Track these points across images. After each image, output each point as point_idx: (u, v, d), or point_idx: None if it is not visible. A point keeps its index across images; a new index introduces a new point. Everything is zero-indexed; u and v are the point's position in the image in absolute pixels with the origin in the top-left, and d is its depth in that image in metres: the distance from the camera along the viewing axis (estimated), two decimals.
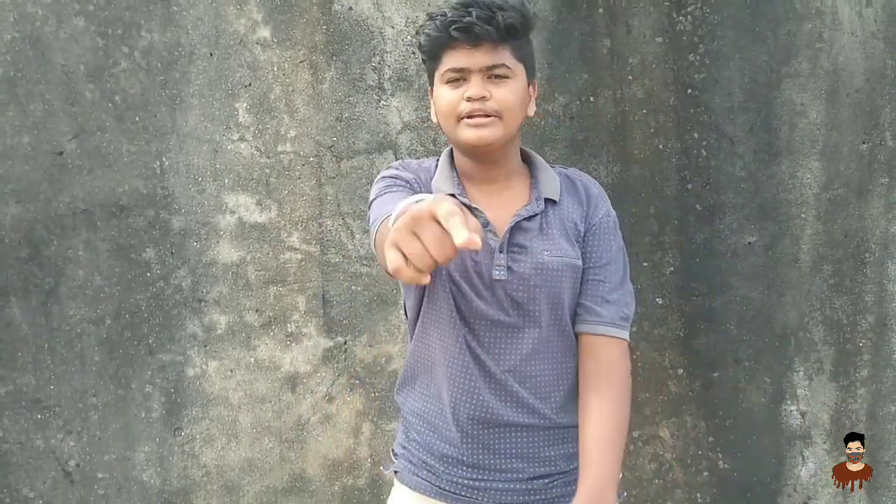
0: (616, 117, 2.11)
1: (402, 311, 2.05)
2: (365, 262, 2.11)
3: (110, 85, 2.01)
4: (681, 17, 2.08)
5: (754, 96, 2.11)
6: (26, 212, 2.01)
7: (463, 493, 1.41)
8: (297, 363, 2.13)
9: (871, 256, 2.17)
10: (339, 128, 2.08)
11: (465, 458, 1.41)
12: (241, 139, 2.06)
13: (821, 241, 2.16)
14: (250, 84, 2.05)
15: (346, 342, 2.13)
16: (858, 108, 2.12)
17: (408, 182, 1.41)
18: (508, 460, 1.40)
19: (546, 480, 1.41)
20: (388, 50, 2.06)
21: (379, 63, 2.06)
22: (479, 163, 1.41)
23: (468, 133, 1.33)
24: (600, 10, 2.08)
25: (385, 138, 2.08)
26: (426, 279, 0.89)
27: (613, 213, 1.48)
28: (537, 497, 1.41)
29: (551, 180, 1.44)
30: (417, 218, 0.88)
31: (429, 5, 2.04)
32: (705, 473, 2.21)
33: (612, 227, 1.46)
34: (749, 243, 2.15)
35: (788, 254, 2.16)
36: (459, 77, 1.33)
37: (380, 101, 2.07)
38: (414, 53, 2.06)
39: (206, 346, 2.10)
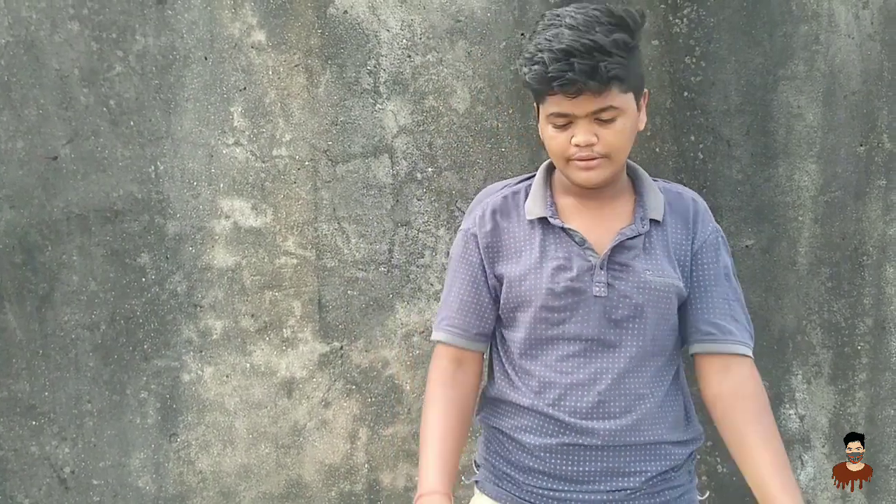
0: None
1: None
2: (361, 267, 2.10)
3: (105, 89, 2.00)
4: (677, 20, 2.08)
5: (751, 99, 2.10)
6: (20, 217, 2.00)
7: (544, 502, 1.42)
8: (293, 368, 2.12)
9: (869, 259, 2.17)
10: (334, 132, 2.07)
11: (547, 470, 1.41)
12: (237, 143, 2.05)
13: (818, 244, 2.15)
14: (245, 88, 2.04)
15: (342, 347, 2.12)
16: (855, 110, 2.12)
17: (477, 256, 1.45)
18: (591, 474, 1.40)
19: (628, 492, 1.41)
20: (384, 53, 2.05)
21: (374, 67, 2.06)
22: (583, 190, 1.42)
23: (578, 175, 1.34)
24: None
25: (381, 142, 2.08)
26: None
27: (719, 228, 1.50)
28: None
29: (656, 199, 1.43)
30: None
31: (424, 8, 2.03)
32: (704, 477, 2.20)
33: (721, 243, 1.48)
34: (746, 246, 2.15)
35: (786, 257, 2.15)
36: (566, 122, 1.31)
37: (375, 104, 2.07)
38: (409, 57, 2.06)
39: (201, 351, 2.09)
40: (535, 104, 1.42)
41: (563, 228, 1.38)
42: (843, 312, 2.18)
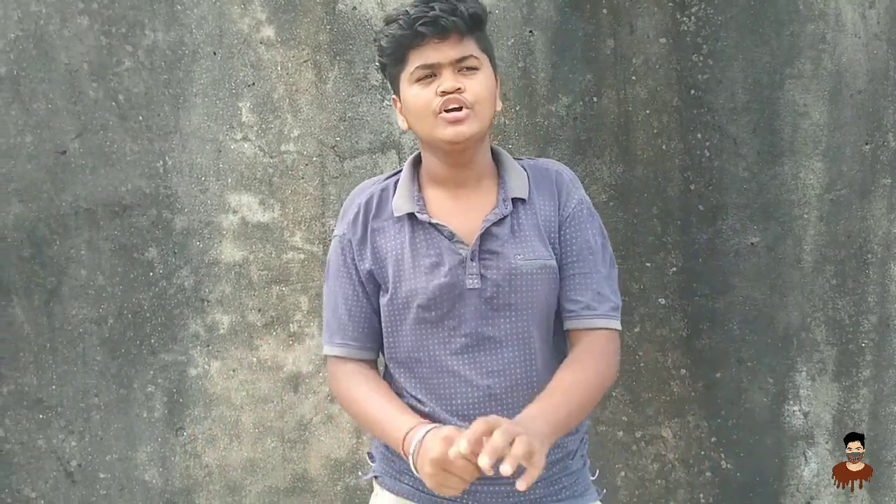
0: (619, 118, 2.11)
1: None
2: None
3: (114, 84, 2.01)
4: (684, 18, 2.09)
5: (757, 97, 2.11)
6: (29, 211, 2.01)
7: (447, 498, 1.39)
8: (299, 363, 2.13)
9: (874, 257, 2.18)
10: (342, 127, 2.08)
11: None
12: (245, 139, 2.05)
13: (823, 242, 2.16)
14: (254, 83, 2.04)
15: None
16: (861, 109, 2.13)
17: (352, 262, 1.42)
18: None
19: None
20: None
21: None
22: (451, 165, 1.39)
23: (447, 130, 1.31)
24: (604, 11, 2.08)
25: (388, 138, 2.08)
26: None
27: (588, 199, 1.46)
28: (522, 498, 1.40)
29: (518, 178, 1.41)
30: (444, 461, 1.13)
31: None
32: (708, 474, 2.21)
33: (586, 215, 1.43)
34: (752, 244, 2.15)
35: (791, 254, 2.16)
36: (430, 73, 1.32)
37: (383, 100, 2.07)
38: None
39: (208, 345, 2.10)
40: (392, 86, 1.40)
41: (431, 224, 1.37)
42: (848, 310, 2.19)
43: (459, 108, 1.30)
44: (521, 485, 1.06)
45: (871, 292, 2.19)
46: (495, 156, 1.46)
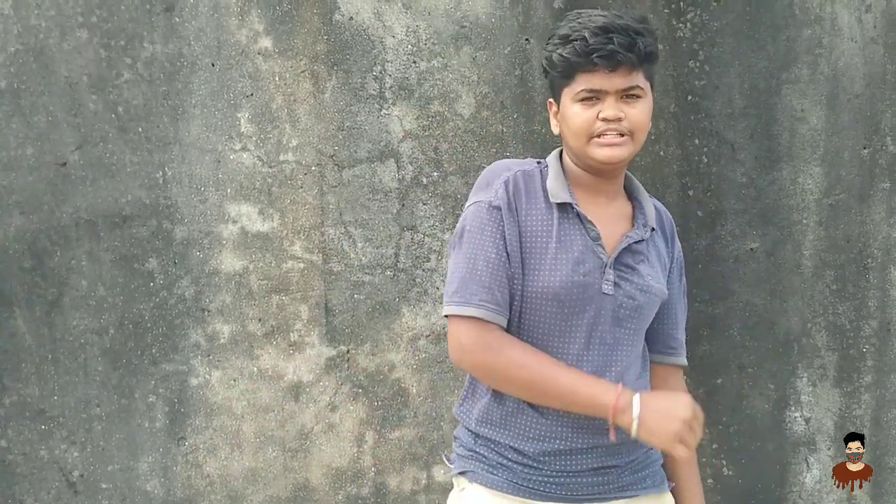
0: None
1: None
2: (367, 271, 2.12)
3: (113, 96, 2.02)
4: (680, 24, 2.09)
5: (755, 102, 2.11)
6: (30, 222, 2.02)
7: (544, 489, 1.43)
8: (299, 372, 2.13)
9: (874, 262, 2.17)
10: (340, 137, 2.09)
11: (551, 469, 1.43)
12: (244, 149, 2.07)
13: (823, 247, 2.16)
14: (252, 94, 2.06)
15: (348, 351, 2.14)
16: (859, 113, 2.13)
17: (501, 228, 1.40)
18: (593, 468, 1.45)
19: (617, 470, 1.46)
20: (390, 59, 2.07)
21: (380, 72, 2.07)
22: (594, 175, 1.44)
23: (601, 152, 1.36)
24: None
25: (386, 147, 2.09)
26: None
27: (680, 247, 1.61)
28: (613, 486, 1.46)
29: (650, 209, 1.50)
30: (693, 422, 1.28)
31: (429, 14, 2.05)
32: (709, 480, 2.20)
33: (683, 265, 1.61)
34: (751, 249, 2.15)
35: (790, 259, 2.16)
36: (594, 97, 1.35)
37: (381, 109, 2.08)
38: (415, 62, 2.07)
39: (209, 355, 2.11)
40: (551, 95, 1.45)
41: (581, 219, 1.40)
42: (848, 315, 2.18)
43: (619, 134, 1.36)
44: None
45: (871, 297, 2.18)
46: (627, 179, 1.53)
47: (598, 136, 1.36)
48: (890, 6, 2.10)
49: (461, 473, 1.52)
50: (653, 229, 1.48)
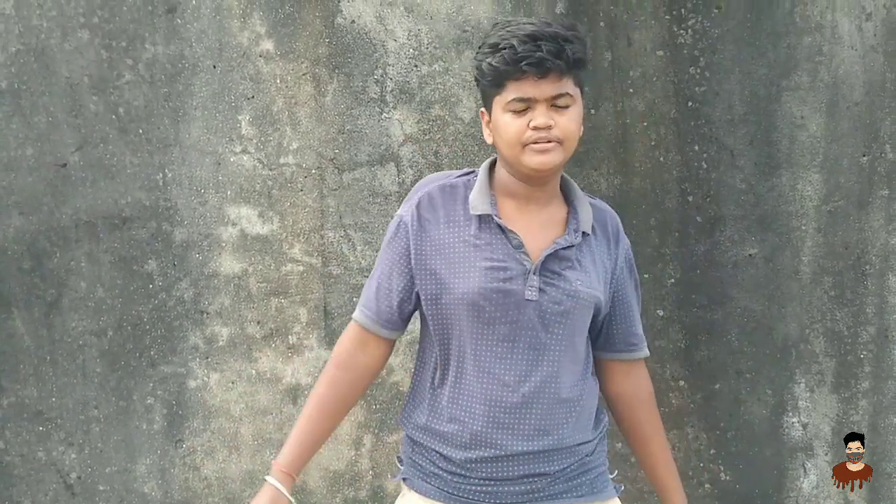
0: (617, 130, 2.12)
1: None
2: (366, 274, 2.11)
3: (114, 97, 2.02)
4: (681, 31, 2.10)
5: (754, 109, 2.12)
6: (29, 223, 2.02)
7: (472, 498, 1.46)
8: (298, 375, 2.13)
9: (872, 268, 2.18)
10: (341, 140, 2.09)
11: (478, 475, 1.45)
12: (244, 151, 2.07)
13: (821, 253, 2.17)
14: (253, 96, 2.06)
15: None
16: (858, 120, 2.13)
17: (405, 243, 1.47)
18: (520, 476, 1.45)
19: (547, 479, 1.46)
20: (391, 63, 2.07)
21: (381, 76, 2.07)
22: (527, 184, 1.45)
23: (533, 159, 1.37)
24: (601, 24, 2.09)
25: (387, 150, 2.09)
26: None
27: (629, 242, 1.59)
28: (542, 495, 1.46)
29: (586, 212, 1.49)
30: None
31: (431, 18, 2.05)
32: (707, 486, 2.21)
33: (631, 257, 1.59)
34: (750, 255, 2.16)
35: (789, 266, 2.17)
36: (525, 107, 1.36)
37: (382, 113, 2.08)
38: (416, 66, 2.07)
39: (207, 357, 2.10)
40: (483, 104, 1.45)
41: (502, 229, 1.42)
42: (846, 321, 2.19)
43: (548, 142, 1.36)
44: None
45: (869, 303, 2.19)
46: (564, 182, 1.53)
47: (530, 144, 1.37)
48: (890, 15, 2.10)
49: (403, 479, 1.56)
50: (585, 234, 1.47)
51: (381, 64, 2.07)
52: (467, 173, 1.52)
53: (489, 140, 1.45)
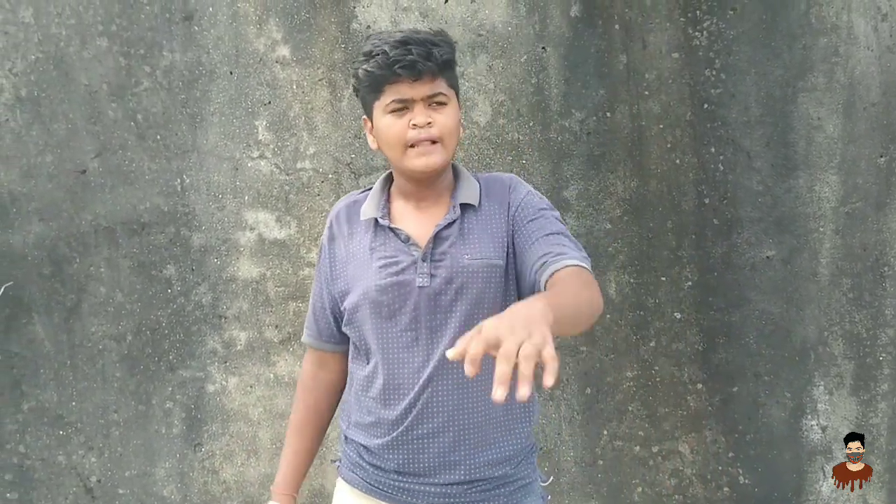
0: (633, 132, 2.12)
1: None
2: None
3: (132, 104, 2.04)
4: (696, 33, 2.10)
5: (771, 111, 2.11)
6: (49, 229, 2.04)
7: (389, 492, 1.50)
8: None
9: (890, 270, 2.16)
10: (357, 145, 2.10)
11: (390, 466, 1.49)
12: (261, 157, 2.08)
13: (839, 255, 2.16)
14: (270, 102, 2.07)
15: None
16: (875, 121, 2.12)
17: (324, 264, 1.55)
18: (430, 468, 1.48)
19: (464, 486, 1.47)
20: None
21: None
22: (416, 184, 1.50)
23: (417, 162, 1.43)
24: (616, 27, 2.09)
25: None
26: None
27: (536, 192, 1.53)
28: (459, 500, 1.48)
29: (470, 187, 1.52)
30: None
31: (446, 23, 2.06)
32: (725, 489, 2.20)
33: (534, 195, 1.51)
34: (767, 257, 2.15)
35: (807, 268, 2.16)
36: (403, 106, 1.42)
37: None
38: None
39: (226, 362, 2.11)
40: (364, 112, 1.49)
41: (390, 228, 1.48)
42: (865, 323, 2.18)
43: (431, 142, 1.42)
44: (548, 380, 0.96)
45: (888, 305, 2.18)
46: (454, 171, 1.57)
47: (412, 146, 1.43)
48: None
49: (338, 468, 1.63)
50: (471, 206, 1.48)
51: None
52: (369, 188, 1.60)
53: (374, 146, 1.51)
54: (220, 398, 2.12)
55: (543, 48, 2.09)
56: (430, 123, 1.42)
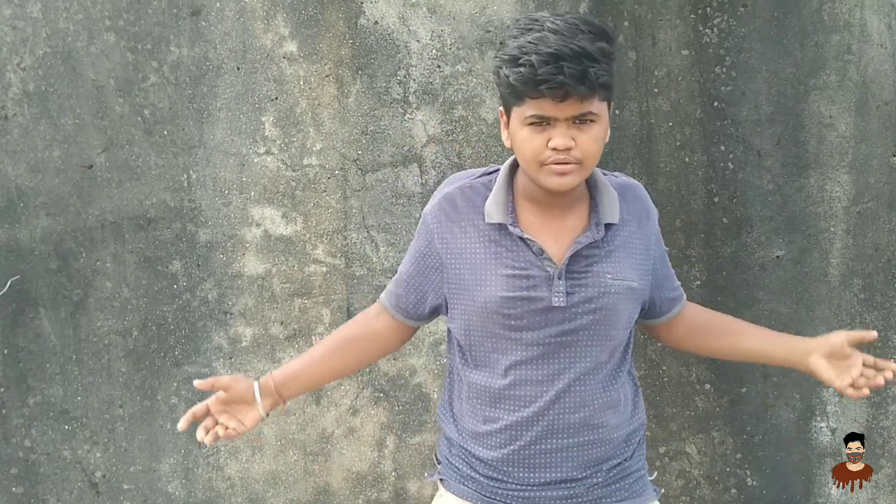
0: (642, 130, 2.10)
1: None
2: (389, 275, 2.11)
3: (139, 99, 2.04)
4: (707, 30, 2.08)
5: (782, 109, 2.09)
6: (56, 224, 2.04)
7: (507, 502, 1.44)
8: None
9: None
10: (364, 141, 2.09)
11: (510, 478, 1.43)
12: (268, 152, 2.07)
13: (850, 255, 2.13)
14: (277, 98, 2.06)
15: None
16: (888, 120, 2.10)
17: (426, 241, 1.47)
18: (553, 480, 1.43)
19: (586, 485, 1.44)
20: (414, 64, 2.07)
21: (404, 77, 2.07)
22: (548, 193, 1.39)
23: (550, 180, 1.31)
24: (626, 23, 2.08)
25: (410, 151, 2.09)
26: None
27: (655, 209, 1.54)
28: (581, 500, 1.44)
29: (610, 201, 1.42)
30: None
31: (454, 19, 2.05)
32: (733, 491, 2.18)
33: (659, 232, 1.55)
34: (777, 257, 2.13)
35: (817, 268, 2.13)
36: (542, 122, 1.29)
37: (405, 114, 2.08)
38: (439, 67, 2.07)
39: (231, 358, 2.11)
40: (503, 105, 1.38)
41: (521, 238, 1.38)
42: (876, 324, 2.15)
43: (567, 164, 1.30)
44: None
45: None
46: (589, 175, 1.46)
47: (548, 164, 1.30)
48: None
49: (440, 480, 1.55)
50: (610, 225, 1.41)
51: (403, 65, 2.07)
52: (490, 172, 1.48)
53: (507, 144, 1.39)
54: None
55: None
56: (570, 148, 1.28)
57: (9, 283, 2.03)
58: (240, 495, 2.14)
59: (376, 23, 2.06)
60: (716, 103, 2.10)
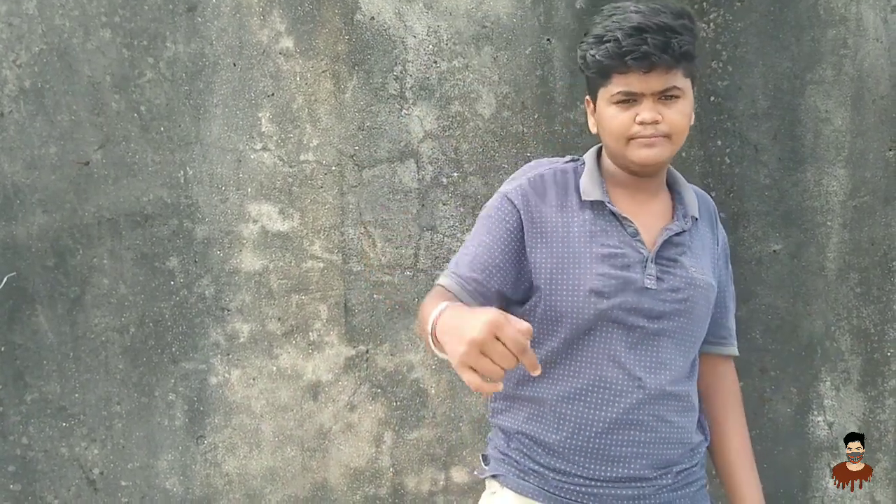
0: None
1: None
2: (386, 271, 2.11)
3: (135, 95, 2.03)
4: (703, 24, 2.08)
5: (778, 103, 2.10)
6: (52, 221, 2.04)
7: (570, 497, 1.40)
8: (318, 372, 2.13)
9: None
10: (360, 137, 2.09)
11: (581, 471, 1.39)
12: (264, 148, 2.07)
13: (847, 250, 2.14)
14: (273, 94, 2.06)
15: (367, 351, 2.13)
16: (884, 114, 2.10)
17: (511, 220, 1.40)
18: (627, 476, 1.40)
19: (655, 486, 1.42)
20: (410, 59, 2.07)
21: (401, 72, 2.07)
22: (634, 175, 1.42)
23: (638, 153, 1.34)
24: None
25: (407, 147, 2.09)
26: (499, 386, 1.02)
27: (725, 235, 1.57)
28: (648, 503, 1.42)
29: (690, 196, 1.47)
30: (482, 342, 1.00)
31: (450, 14, 2.05)
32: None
33: (728, 252, 1.57)
34: (774, 251, 2.13)
35: (814, 262, 2.14)
36: (630, 99, 1.32)
37: (401, 110, 2.08)
38: (435, 62, 2.07)
39: (228, 354, 2.11)
40: (588, 93, 1.41)
41: (616, 216, 1.38)
42: (873, 318, 2.16)
43: (654, 136, 1.33)
44: None
45: (895, 300, 2.16)
46: (667, 170, 1.50)
47: (637, 137, 1.33)
48: None
49: (493, 476, 1.50)
50: (695, 219, 1.44)
51: (400, 60, 2.07)
52: (574, 159, 1.50)
53: (593, 130, 1.42)
54: (222, 391, 2.11)
55: (548, 40, 2.08)
56: (657, 122, 1.31)
57: (5, 279, 2.03)
58: (237, 491, 2.14)
59: (372, 18, 2.06)
60: (712, 98, 2.10)
